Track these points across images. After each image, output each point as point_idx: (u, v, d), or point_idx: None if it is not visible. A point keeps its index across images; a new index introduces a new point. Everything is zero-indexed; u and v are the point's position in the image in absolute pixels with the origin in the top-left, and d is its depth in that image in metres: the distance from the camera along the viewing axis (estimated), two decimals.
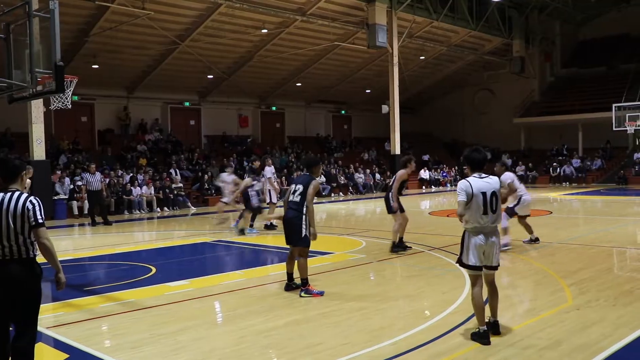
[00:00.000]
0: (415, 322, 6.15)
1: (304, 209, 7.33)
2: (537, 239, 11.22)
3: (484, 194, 5.33)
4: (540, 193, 26.59)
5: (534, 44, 37.12)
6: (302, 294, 7.32)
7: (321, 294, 7.34)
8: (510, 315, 6.33)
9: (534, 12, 35.98)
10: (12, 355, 4.42)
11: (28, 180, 11.33)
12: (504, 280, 8.05)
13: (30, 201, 4.44)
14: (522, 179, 33.45)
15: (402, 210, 10.48)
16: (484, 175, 5.46)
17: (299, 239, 7.40)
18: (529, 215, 11.19)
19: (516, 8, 34.58)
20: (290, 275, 7.70)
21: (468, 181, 5.40)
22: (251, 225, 14.02)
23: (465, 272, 5.61)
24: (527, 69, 36.96)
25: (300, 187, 7.41)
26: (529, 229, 11.20)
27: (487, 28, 32.74)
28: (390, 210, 10.46)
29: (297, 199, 7.37)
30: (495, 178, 5.54)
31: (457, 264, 5.68)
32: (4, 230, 4.36)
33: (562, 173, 32.53)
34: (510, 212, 10.90)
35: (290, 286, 7.63)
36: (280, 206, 12.22)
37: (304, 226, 7.34)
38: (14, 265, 4.37)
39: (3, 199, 4.44)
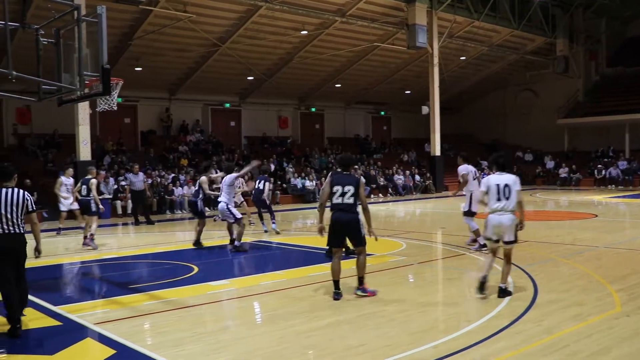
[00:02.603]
0: (457, 325, 6.08)
1: (358, 209, 7.34)
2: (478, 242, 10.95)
3: (497, 185, 7.14)
4: (584, 196, 25.88)
5: (578, 43, 36.16)
6: (358, 292, 7.41)
7: (374, 293, 7.42)
8: (557, 319, 6.18)
9: (578, 10, 35.08)
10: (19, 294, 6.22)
11: (96, 178, 12.96)
12: (548, 285, 7.86)
13: (27, 194, 6.34)
14: (566, 181, 32.81)
15: None
16: (502, 173, 7.29)
17: (362, 240, 7.43)
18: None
19: (560, 6, 33.77)
20: (337, 284, 7.36)
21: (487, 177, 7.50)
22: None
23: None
24: (571, 69, 36.01)
25: (351, 189, 7.30)
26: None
27: (529, 27, 32.06)
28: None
29: (351, 200, 7.29)
30: (509, 175, 7.19)
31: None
32: (9, 214, 6.12)
33: (607, 175, 31.56)
34: (471, 214, 10.82)
35: (339, 295, 7.30)
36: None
37: (362, 226, 7.40)
38: (15, 237, 6.17)
39: (7, 193, 6.20)
